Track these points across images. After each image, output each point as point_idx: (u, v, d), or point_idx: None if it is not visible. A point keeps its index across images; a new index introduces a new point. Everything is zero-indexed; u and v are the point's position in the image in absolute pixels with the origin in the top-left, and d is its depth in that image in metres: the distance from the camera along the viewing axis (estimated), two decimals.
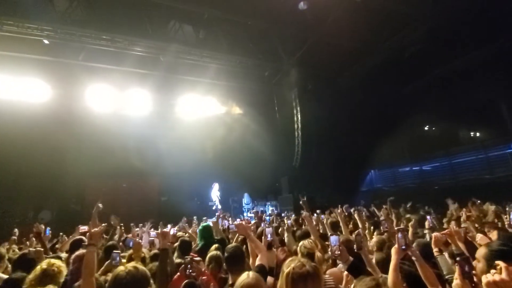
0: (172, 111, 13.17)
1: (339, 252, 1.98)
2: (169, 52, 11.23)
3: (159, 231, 2.91)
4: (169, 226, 6.24)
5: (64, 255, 3.50)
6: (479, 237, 2.76)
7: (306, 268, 1.52)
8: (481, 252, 1.68)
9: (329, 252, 2.11)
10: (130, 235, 5.17)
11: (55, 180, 10.86)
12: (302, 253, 2.57)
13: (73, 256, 2.74)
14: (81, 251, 3.00)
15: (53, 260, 2.32)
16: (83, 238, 3.61)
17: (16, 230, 6.19)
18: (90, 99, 11.34)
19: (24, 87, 10.38)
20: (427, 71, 13.44)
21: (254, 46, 12.39)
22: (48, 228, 4.79)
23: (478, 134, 16.15)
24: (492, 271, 1.25)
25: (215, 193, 13.71)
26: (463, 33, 10.87)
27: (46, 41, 9.71)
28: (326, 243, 2.21)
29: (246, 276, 1.71)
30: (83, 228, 4.94)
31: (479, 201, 6.57)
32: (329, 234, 2.76)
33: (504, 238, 2.60)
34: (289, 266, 1.57)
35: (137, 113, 12.26)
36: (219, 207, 13.41)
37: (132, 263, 1.87)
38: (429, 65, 12.97)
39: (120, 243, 4.08)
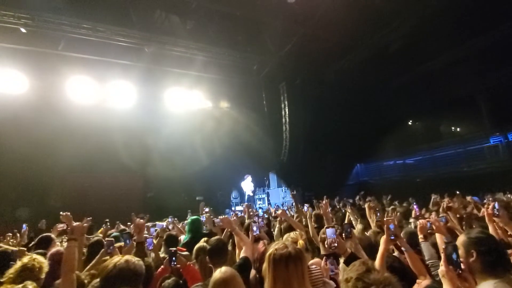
0: (158, 104, 12.82)
1: (336, 244, 1.97)
2: (155, 43, 10.91)
3: (135, 223, 2.84)
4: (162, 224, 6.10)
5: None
6: None
7: (288, 250, 1.52)
8: (460, 239, 1.76)
9: (326, 245, 2.09)
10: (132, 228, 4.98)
11: (34, 176, 10.42)
12: None
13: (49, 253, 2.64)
14: (56, 248, 2.91)
15: (35, 256, 2.23)
16: (51, 235, 3.50)
17: None
18: (71, 91, 10.86)
19: None
20: (411, 67, 13.76)
21: (243, 38, 12.24)
22: (25, 224, 4.62)
23: (458, 129, 16.85)
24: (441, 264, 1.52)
25: (247, 185, 13.43)
26: (445, 30, 11.18)
27: (23, 30, 9.20)
28: (323, 235, 2.20)
29: (218, 272, 1.66)
30: (61, 226, 4.72)
31: (457, 192, 6.82)
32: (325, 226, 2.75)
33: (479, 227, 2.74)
34: (272, 248, 1.58)
35: (121, 106, 11.86)
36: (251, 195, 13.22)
37: (127, 256, 1.80)
38: (412, 62, 13.27)
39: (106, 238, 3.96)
